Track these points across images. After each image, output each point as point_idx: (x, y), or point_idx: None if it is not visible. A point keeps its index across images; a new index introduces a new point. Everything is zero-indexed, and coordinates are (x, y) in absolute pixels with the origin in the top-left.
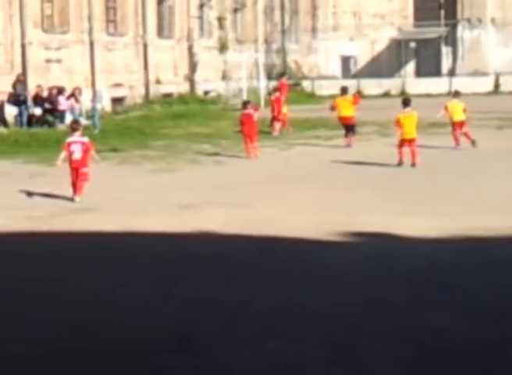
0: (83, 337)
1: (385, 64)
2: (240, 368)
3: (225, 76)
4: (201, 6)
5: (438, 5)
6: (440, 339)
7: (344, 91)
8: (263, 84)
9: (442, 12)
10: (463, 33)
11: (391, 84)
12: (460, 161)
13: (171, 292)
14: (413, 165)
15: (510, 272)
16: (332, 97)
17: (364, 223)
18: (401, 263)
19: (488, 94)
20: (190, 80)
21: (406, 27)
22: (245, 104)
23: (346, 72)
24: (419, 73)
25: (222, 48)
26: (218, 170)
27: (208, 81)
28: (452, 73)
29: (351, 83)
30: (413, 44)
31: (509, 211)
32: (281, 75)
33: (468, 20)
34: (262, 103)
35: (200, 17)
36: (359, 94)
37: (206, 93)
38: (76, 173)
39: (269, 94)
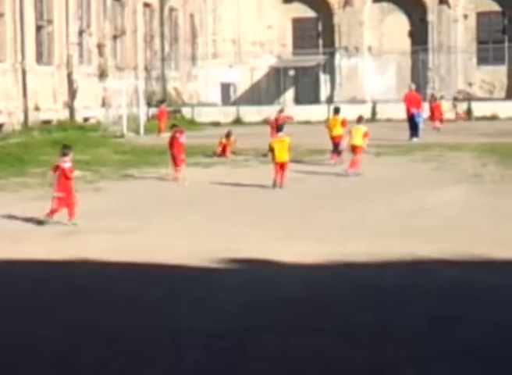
0: None
1: (264, 91)
2: None
3: (104, 103)
4: (81, 33)
5: (316, 33)
6: (320, 363)
7: (337, 111)
8: (143, 111)
9: (321, 41)
10: (340, 61)
11: (271, 111)
12: (340, 187)
13: (51, 319)
14: (280, 186)
15: (386, 297)
16: (214, 123)
17: (244, 249)
18: (281, 289)
19: (366, 121)
20: (70, 107)
21: (285, 55)
22: (172, 127)
23: (226, 99)
24: (298, 100)
25: (102, 74)
26: (98, 197)
27: (88, 108)
28: (330, 100)
29: (231, 111)
30: (292, 72)
31: (387, 237)
32: (161, 102)
33: (346, 49)
34: (142, 130)
35: (80, 44)
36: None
37: (86, 120)
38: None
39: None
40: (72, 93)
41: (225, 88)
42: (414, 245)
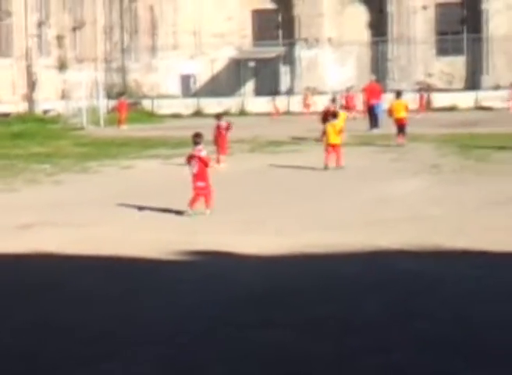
0: None
1: (225, 83)
2: None
3: (64, 96)
4: (40, 25)
5: (276, 25)
6: (282, 356)
7: (399, 94)
8: (103, 103)
9: (281, 32)
10: (300, 52)
11: (231, 103)
12: (301, 179)
13: (8, 314)
14: (338, 167)
15: (348, 287)
16: (174, 115)
17: (204, 241)
18: (242, 282)
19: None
20: (29, 99)
21: (245, 47)
22: (217, 117)
23: (186, 91)
24: (258, 91)
25: (62, 66)
26: (58, 190)
27: (48, 100)
28: (290, 91)
29: (191, 103)
30: (252, 64)
31: (347, 228)
32: (120, 94)
33: (306, 40)
34: (102, 122)
35: (39, 36)
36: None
37: (45, 112)
38: (194, 186)
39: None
40: (32, 85)
41: (186, 80)
42: (374, 236)
